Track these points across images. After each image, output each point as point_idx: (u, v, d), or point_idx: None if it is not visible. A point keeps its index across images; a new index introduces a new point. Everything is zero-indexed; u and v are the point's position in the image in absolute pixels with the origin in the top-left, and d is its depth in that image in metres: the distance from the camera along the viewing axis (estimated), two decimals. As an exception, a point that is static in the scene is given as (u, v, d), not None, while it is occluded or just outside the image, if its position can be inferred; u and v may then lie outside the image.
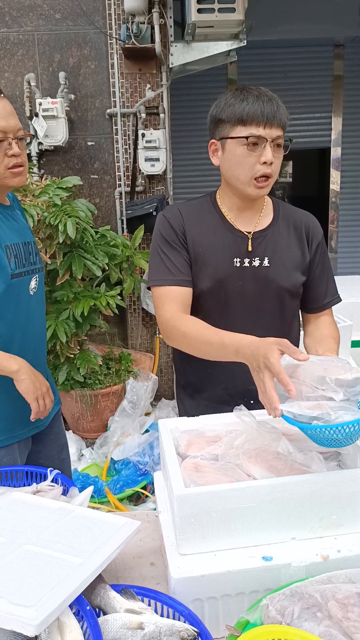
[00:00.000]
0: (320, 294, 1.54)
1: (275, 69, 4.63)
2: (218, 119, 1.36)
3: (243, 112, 1.31)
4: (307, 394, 1.05)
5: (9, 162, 1.49)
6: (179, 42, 3.80)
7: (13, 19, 3.84)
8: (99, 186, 4.07)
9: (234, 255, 1.44)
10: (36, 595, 0.84)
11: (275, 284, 1.47)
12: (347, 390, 1.04)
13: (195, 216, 1.46)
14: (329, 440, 1.03)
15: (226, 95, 1.36)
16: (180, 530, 1.00)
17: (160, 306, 1.41)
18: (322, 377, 1.06)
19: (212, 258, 1.43)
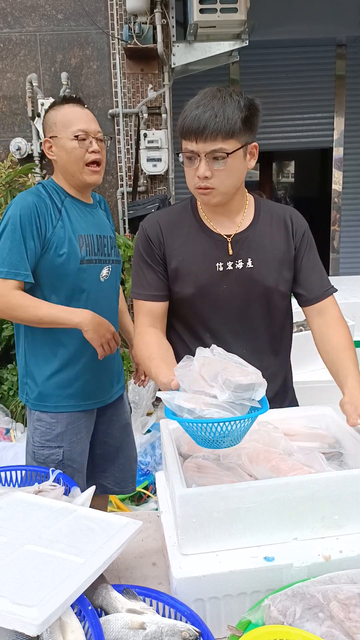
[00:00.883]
0: (314, 284, 1.48)
1: (277, 69, 4.64)
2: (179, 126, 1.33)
3: (183, 126, 1.30)
4: (193, 387, 1.04)
5: (89, 157, 1.78)
6: (181, 42, 3.80)
7: (15, 19, 3.85)
8: (101, 186, 4.08)
9: (216, 260, 1.42)
10: (38, 595, 0.84)
11: (261, 284, 1.44)
12: (236, 393, 1.00)
13: (174, 225, 1.45)
14: (201, 438, 1.02)
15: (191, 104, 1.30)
16: (182, 531, 1.00)
17: (135, 317, 1.50)
18: (217, 375, 1.03)
19: (193, 265, 1.42)
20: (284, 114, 4.74)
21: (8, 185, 3.14)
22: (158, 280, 1.45)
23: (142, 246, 1.46)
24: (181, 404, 1.01)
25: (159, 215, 1.50)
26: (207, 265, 1.42)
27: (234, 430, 1.00)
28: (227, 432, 1.00)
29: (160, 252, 1.44)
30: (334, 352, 1.42)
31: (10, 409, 3.46)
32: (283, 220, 1.49)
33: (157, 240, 1.44)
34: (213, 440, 1.02)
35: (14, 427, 3.35)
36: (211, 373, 1.04)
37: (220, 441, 1.02)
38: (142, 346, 1.42)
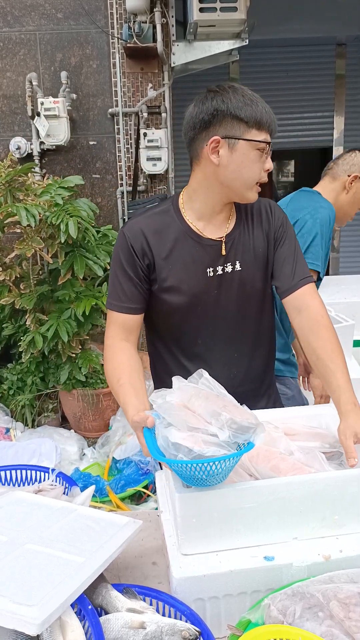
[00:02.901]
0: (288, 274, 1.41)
1: (277, 68, 4.63)
2: (232, 115, 1.25)
3: (260, 116, 1.26)
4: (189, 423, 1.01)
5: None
6: (180, 41, 3.80)
7: (15, 18, 3.84)
8: (101, 185, 4.07)
9: (206, 266, 1.38)
10: (38, 595, 0.84)
11: (249, 286, 1.42)
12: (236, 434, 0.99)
13: (159, 232, 1.37)
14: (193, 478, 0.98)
15: (228, 93, 1.26)
16: (182, 530, 1.00)
17: (107, 327, 1.42)
18: (217, 412, 1.01)
19: (184, 274, 1.37)
20: (284, 113, 4.74)
21: (8, 185, 3.14)
22: (136, 293, 1.38)
23: (123, 256, 1.37)
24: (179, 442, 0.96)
25: (140, 222, 1.39)
26: (199, 272, 1.38)
27: (228, 467, 0.98)
28: (222, 470, 0.97)
29: (144, 264, 1.37)
30: (320, 362, 1.33)
31: (10, 408, 3.47)
32: (259, 214, 1.44)
33: (141, 251, 1.36)
34: (205, 479, 0.98)
35: (14, 426, 3.35)
36: (210, 409, 1.02)
37: (213, 479, 1.00)
38: (111, 365, 1.35)
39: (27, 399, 3.39)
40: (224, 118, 1.26)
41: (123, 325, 1.39)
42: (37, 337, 3.16)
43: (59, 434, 3.33)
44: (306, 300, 1.39)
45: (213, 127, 1.28)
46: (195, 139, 1.32)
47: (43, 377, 3.46)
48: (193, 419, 1.02)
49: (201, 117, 1.28)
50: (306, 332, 1.37)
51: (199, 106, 1.29)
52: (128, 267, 1.37)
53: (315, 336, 1.35)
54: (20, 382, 3.46)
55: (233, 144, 1.28)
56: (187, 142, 1.36)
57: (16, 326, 3.47)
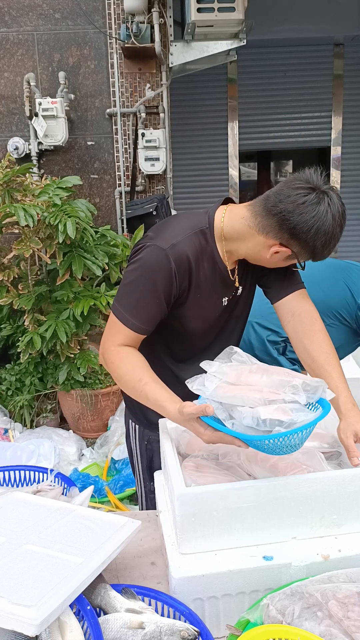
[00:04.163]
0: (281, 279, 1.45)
1: (275, 68, 4.63)
2: (311, 250, 1.28)
3: (321, 256, 1.31)
4: (267, 398, 1.03)
5: None
6: (178, 41, 3.80)
7: (12, 18, 3.84)
8: (99, 186, 4.07)
9: (223, 295, 1.42)
10: (37, 595, 0.84)
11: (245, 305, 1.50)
12: (310, 395, 1.04)
13: (198, 258, 1.33)
14: (284, 447, 1.01)
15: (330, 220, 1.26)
16: (181, 530, 1.00)
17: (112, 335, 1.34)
18: (287, 381, 1.04)
19: (205, 302, 1.38)
20: (282, 113, 4.74)
21: (6, 185, 3.13)
22: (157, 317, 1.33)
23: (162, 278, 1.28)
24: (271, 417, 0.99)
25: (185, 245, 1.30)
26: (218, 301, 1.41)
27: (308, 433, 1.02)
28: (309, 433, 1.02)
29: (180, 290, 1.32)
30: (317, 365, 1.34)
31: (8, 409, 3.46)
32: None
33: (182, 278, 1.30)
34: (298, 444, 1.02)
35: (13, 426, 3.35)
36: (276, 380, 1.05)
37: (301, 444, 1.03)
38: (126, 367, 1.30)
39: (25, 400, 3.38)
40: (306, 246, 1.27)
41: (132, 340, 1.34)
42: (35, 337, 3.16)
43: (58, 435, 3.32)
44: (300, 305, 1.42)
45: (293, 238, 1.26)
46: (275, 226, 1.27)
47: (41, 377, 3.46)
48: (259, 394, 1.04)
49: (295, 222, 1.24)
50: (300, 336, 1.39)
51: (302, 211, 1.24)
52: (162, 291, 1.29)
53: (309, 339, 1.37)
54: (18, 383, 3.46)
55: (291, 257, 1.32)
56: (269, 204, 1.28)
57: (14, 327, 3.47)
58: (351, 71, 4.68)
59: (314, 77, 4.69)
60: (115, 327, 1.34)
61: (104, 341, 1.36)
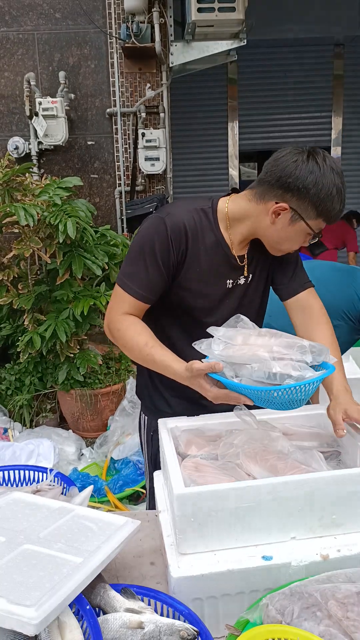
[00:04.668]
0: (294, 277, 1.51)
1: (275, 68, 4.64)
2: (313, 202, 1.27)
3: (333, 214, 1.31)
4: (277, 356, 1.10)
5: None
6: (179, 41, 3.80)
7: (13, 18, 3.84)
8: (99, 185, 4.07)
9: (227, 277, 1.43)
10: (36, 595, 0.84)
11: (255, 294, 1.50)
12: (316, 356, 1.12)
13: (198, 232, 1.37)
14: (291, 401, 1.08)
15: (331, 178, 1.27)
16: (180, 530, 1.00)
17: (116, 305, 1.39)
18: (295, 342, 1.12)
19: (207, 279, 1.40)
20: (282, 114, 4.74)
21: (5, 185, 3.13)
22: (159, 284, 1.37)
23: (159, 244, 1.34)
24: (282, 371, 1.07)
25: (182, 214, 1.37)
26: (221, 282, 1.43)
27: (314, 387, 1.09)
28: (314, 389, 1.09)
29: (177, 258, 1.35)
30: None
31: (8, 409, 3.46)
32: None
33: (178, 245, 1.34)
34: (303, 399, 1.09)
35: (12, 426, 3.35)
36: (284, 342, 1.13)
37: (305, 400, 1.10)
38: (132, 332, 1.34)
39: (25, 399, 3.38)
40: (305, 198, 1.27)
41: (136, 309, 1.39)
42: (35, 337, 3.16)
43: (57, 434, 3.32)
44: (309, 301, 1.49)
45: (291, 195, 1.28)
46: (270, 187, 1.31)
47: (41, 377, 3.46)
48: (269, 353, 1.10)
49: (288, 180, 1.27)
50: (306, 326, 1.46)
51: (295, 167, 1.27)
52: (161, 257, 1.34)
53: (314, 330, 1.44)
54: (18, 382, 3.46)
55: (296, 220, 1.31)
56: (261, 176, 1.33)
57: (14, 326, 3.47)
58: (351, 71, 4.69)
59: (314, 78, 4.69)
60: (118, 296, 1.39)
61: (109, 311, 1.42)
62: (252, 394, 1.10)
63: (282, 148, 1.34)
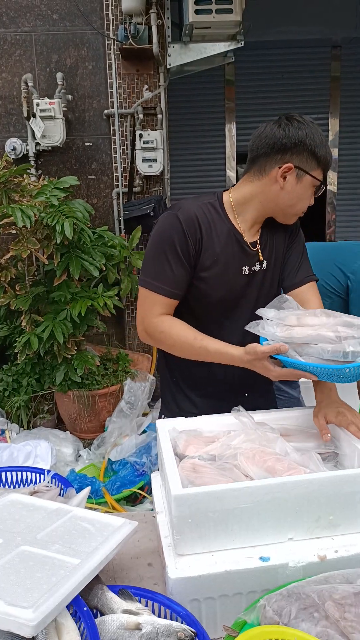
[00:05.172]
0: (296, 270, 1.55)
1: (273, 70, 4.64)
2: (311, 151, 1.35)
3: (328, 159, 1.38)
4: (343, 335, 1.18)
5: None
6: (176, 43, 3.80)
7: (10, 19, 3.84)
8: (97, 187, 4.07)
9: (243, 264, 1.46)
10: (33, 596, 0.84)
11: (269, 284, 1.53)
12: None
13: (209, 223, 1.42)
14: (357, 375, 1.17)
15: (311, 128, 1.36)
16: (178, 531, 1.00)
17: (148, 308, 1.43)
18: (349, 321, 1.21)
19: (224, 269, 1.44)
20: (279, 115, 4.75)
21: (3, 186, 3.13)
22: (185, 279, 1.41)
23: (177, 238, 1.38)
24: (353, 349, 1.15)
25: (193, 208, 1.42)
26: (237, 270, 1.46)
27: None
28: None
29: (194, 249, 1.40)
30: None
31: (5, 410, 3.46)
32: None
33: (194, 238, 1.39)
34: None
35: (9, 427, 3.34)
36: (339, 321, 1.22)
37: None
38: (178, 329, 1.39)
39: (22, 400, 3.38)
40: (304, 151, 1.35)
41: (168, 308, 1.43)
42: (32, 338, 3.15)
43: (55, 436, 3.32)
44: (308, 295, 1.53)
45: (290, 154, 1.36)
46: (267, 157, 1.38)
47: (38, 378, 3.45)
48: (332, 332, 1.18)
49: (283, 142, 1.35)
50: None
51: (283, 129, 1.36)
52: (181, 250, 1.39)
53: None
54: (15, 384, 3.45)
55: (301, 176, 1.37)
56: (253, 155, 1.41)
57: (11, 327, 3.47)
58: (348, 73, 4.69)
59: (312, 79, 4.70)
60: (149, 299, 1.42)
61: (142, 317, 1.44)
62: (322, 371, 1.18)
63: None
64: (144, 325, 1.44)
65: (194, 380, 1.56)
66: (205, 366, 1.50)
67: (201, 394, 1.56)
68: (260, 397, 1.62)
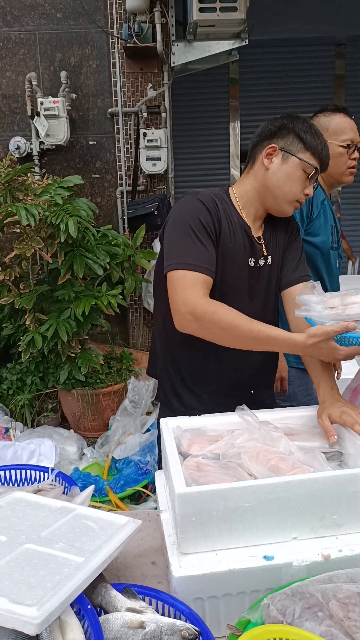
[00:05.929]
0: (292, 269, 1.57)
1: (277, 68, 4.63)
2: (296, 133, 1.42)
3: (319, 147, 1.42)
4: None
5: (351, 163, 1.98)
6: (180, 41, 3.80)
7: (15, 18, 3.84)
8: (101, 185, 4.07)
9: (249, 255, 1.50)
10: (37, 594, 0.84)
11: (274, 280, 1.55)
12: None
13: (223, 210, 1.46)
14: None
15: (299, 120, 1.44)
16: (182, 529, 1.00)
17: (189, 288, 1.33)
18: None
19: (233, 257, 1.47)
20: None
21: (7, 185, 3.13)
22: (214, 255, 1.41)
23: (203, 218, 1.39)
24: None
25: (209, 193, 1.47)
26: (243, 260, 1.49)
27: None
28: None
29: (217, 230, 1.42)
30: None
31: (9, 408, 3.46)
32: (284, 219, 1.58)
33: (217, 216, 1.42)
34: None
35: (14, 426, 3.35)
36: None
37: None
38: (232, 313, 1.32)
39: (26, 399, 3.39)
40: (288, 134, 1.42)
41: (208, 287, 1.38)
42: (36, 337, 3.16)
43: (59, 434, 3.33)
44: None
45: (276, 138, 1.44)
46: (257, 145, 1.48)
47: (42, 376, 3.46)
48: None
49: (269, 129, 1.45)
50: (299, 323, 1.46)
51: (271, 122, 1.47)
52: (208, 227, 1.40)
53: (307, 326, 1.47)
54: (19, 382, 3.46)
55: (287, 157, 1.42)
56: (249, 149, 1.50)
57: (16, 326, 3.47)
58: (353, 71, 4.68)
59: (316, 77, 4.68)
60: (187, 279, 1.35)
61: (184, 300, 1.33)
62: None
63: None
64: (188, 307, 1.32)
65: (201, 376, 1.56)
66: (215, 363, 1.52)
67: (208, 390, 1.56)
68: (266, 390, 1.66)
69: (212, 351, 1.48)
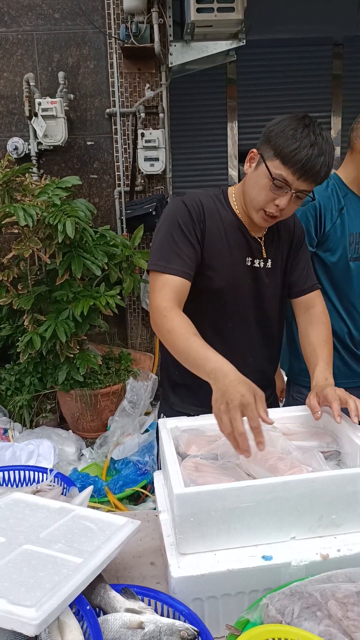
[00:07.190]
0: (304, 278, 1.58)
1: (275, 68, 4.63)
2: (269, 138, 1.32)
3: (290, 153, 1.28)
4: None
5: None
6: (178, 41, 3.80)
7: (12, 18, 3.84)
8: (99, 186, 4.07)
9: (246, 256, 1.48)
10: (36, 595, 0.84)
11: (274, 283, 1.54)
12: None
13: (212, 211, 1.44)
14: None
15: (291, 120, 1.32)
16: (180, 530, 1.00)
17: (158, 291, 1.34)
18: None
19: (227, 257, 1.45)
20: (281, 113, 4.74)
21: (5, 185, 3.13)
22: (193, 258, 1.39)
23: (181, 218, 1.39)
24: None
25: (197, 196, 1.45)
26: (239, 260, 1.47)
27: None
28: None
29: (199, 231, 1.40)
30: (310, 347, 1.49)
31: (8, 409, 3.46)
32: (287, 223, 1.56)
33: (198, 220, 1.40)
34: None
35: (12, 426, 3.35)
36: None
37: None
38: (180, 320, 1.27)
39: (25, 400, 3.38)
40: (267, 140, 1.34)
41: (179, 290, 1.35)
42: (35, 337, 3.16)
43: (57, 435, 3.32)
44: (314, 301, 1.58)
45: (261, 143, 1.38)
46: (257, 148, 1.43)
47: (41, 377, 3.46)
48: None
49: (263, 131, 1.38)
50: (307, 325, 1.55)
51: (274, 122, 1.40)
52: (187, 231, 1.39)
53: (313, 329, 1.52)
54: (18, 383, 3.46)
55: (259, 163, 1.36)
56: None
57: (14, 327, 3.47)
58: (350, 71, 4.68)
59: (313, 78, 4.69)
60: (156, 283, 1.36)
61: (152, 302, 1.34)
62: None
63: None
64: (152, 309, 1.34)
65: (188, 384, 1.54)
66: None
67: (207, 388, 1.55)
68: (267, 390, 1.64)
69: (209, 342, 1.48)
